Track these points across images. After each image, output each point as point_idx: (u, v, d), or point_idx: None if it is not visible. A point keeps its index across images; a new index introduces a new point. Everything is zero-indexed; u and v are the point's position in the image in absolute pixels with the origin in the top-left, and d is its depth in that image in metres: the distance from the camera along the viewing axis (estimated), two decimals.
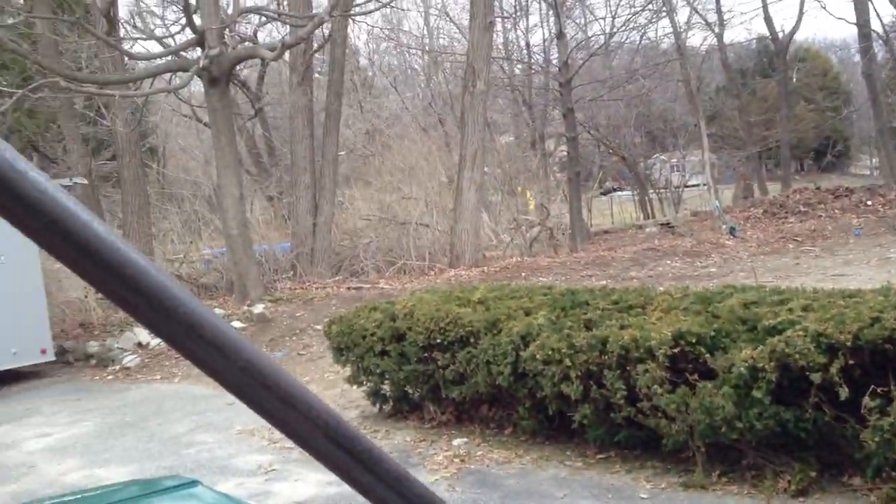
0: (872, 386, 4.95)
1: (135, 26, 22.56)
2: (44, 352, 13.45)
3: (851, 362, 5.00)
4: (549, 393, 6.47)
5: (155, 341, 14.15)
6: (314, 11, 17.51)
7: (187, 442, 9.00)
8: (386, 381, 8.30)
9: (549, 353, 6.36)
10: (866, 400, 4.92)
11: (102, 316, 15.75)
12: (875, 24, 28.63)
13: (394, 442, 7.79)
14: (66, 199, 0.49)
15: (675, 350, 5.65)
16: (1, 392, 12.68)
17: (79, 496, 4.46)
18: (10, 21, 16.40)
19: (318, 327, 12.83)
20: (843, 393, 4.95)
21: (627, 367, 5.94)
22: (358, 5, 18.60)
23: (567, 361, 6.23)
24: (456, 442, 7.55)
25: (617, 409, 6.09)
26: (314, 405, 0.59)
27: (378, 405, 8.62)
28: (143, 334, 14.41)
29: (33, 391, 12.81)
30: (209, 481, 4.55)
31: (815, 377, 5.03)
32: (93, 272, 0.50)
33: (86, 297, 15.86)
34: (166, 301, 0.52)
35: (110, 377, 13.34)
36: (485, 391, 7.21)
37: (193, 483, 4.19)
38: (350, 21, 19.81)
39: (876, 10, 45.77)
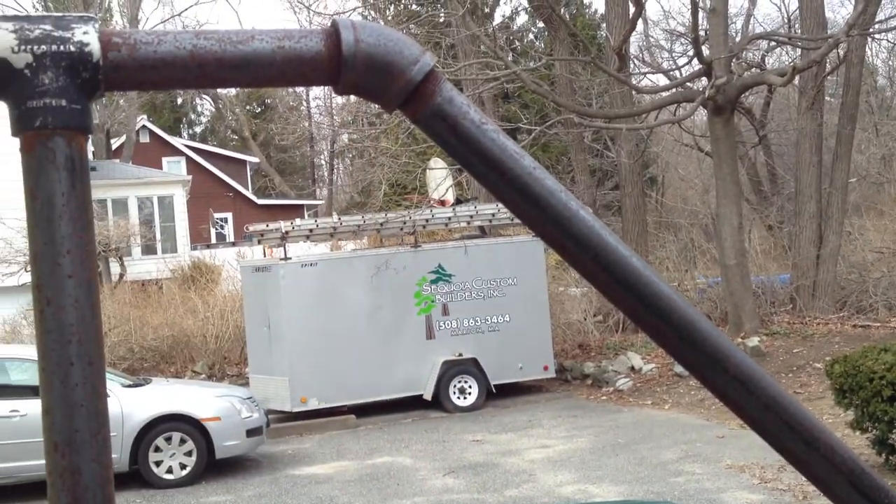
0: None
1: (643, 61, 23.43)
2: (546, 368, 14.49)
3: None
4: None
5: (648, 367, 14.43)
6: (829, 32, 16.54)
7: (675, 470, 9.02)
8: (895, 430, 7.55)
9: None
10: None
11: (599, 339, 16.50)
12: None
13: None
14: (609, 234, 0.54)
15: None
16: (506, 402, 13.92)
17: None
18: (532, 65, 18.04)
19: (818, 366, 12.09)
20: None
21: None
22: (879, 22, 17.18)
23: None
24: None
25: None
26: (839, 450, 0.57)
27: (884, 455, 7.91)
28: (636, 359, 14.79)
29: (534, 404, 13.85)
30: None
31: None
32: (627, 301, 0.55)
33: (584, 319, 16.74)
34: (694, 334, 0.54)
35: (604, 398, 13.91)
36: None
37: None
38: (868, 39, 18.35)
39: None
